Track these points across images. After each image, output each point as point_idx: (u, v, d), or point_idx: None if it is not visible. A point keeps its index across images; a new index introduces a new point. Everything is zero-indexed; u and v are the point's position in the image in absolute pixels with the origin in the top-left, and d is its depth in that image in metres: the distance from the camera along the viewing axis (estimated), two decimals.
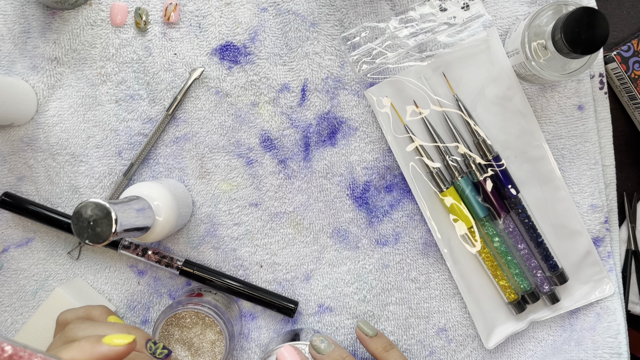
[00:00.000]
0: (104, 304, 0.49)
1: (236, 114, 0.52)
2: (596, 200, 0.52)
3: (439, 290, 0.53)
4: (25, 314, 0.53)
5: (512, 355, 0.53)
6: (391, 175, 0.53)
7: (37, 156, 0.52)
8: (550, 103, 0.52)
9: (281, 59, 0.52)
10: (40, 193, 0.52)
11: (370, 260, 0.53)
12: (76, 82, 0.52)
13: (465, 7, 0.51)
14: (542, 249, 0.51)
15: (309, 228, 0.53)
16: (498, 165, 0.50)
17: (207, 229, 0.52)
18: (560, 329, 0.53)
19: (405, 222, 0.53)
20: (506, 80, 0.50)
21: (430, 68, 0.51)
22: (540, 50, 0.46)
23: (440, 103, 0.51)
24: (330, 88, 0.52)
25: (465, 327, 0.53)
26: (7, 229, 0.53)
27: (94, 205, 0.37)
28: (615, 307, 0.52)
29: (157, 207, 0.44)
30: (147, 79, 0.52)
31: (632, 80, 0.51)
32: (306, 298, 0.53)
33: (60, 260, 0.53)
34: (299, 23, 0.52)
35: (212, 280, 0.51)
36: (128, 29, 0.51)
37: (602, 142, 0.53)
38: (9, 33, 0.51)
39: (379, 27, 0.51)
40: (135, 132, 0.52)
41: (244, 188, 0.52)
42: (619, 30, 0.54)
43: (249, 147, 0.52)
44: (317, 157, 0.52)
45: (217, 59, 0.52)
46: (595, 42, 0.42)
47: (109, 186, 0.52)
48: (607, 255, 0.52)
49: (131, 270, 0.53)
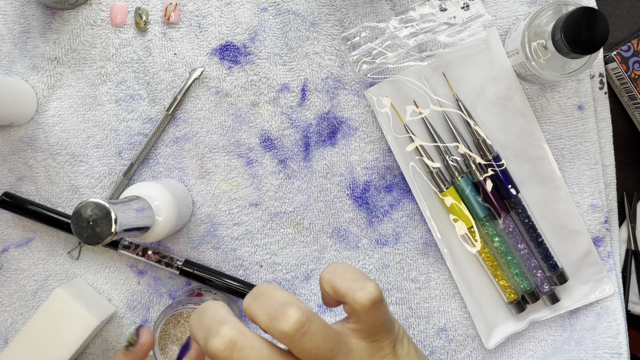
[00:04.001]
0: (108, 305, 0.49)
1: (236, 114, 0.52)
2: (596, 200, 0.52)
3: (439, 290, 0.53)
4: (25, 314, 0.53)
5: (512, 355, 0.53)
6: (391, 175, 0.53)
7: (37, 156, 0.52)
8: (550, 103, 0.52)
9: (281, 59, 0.52)
10: (40, 193, 0.52)
11: (370, 260, 0.53)
12: (76, 82, 0.52)
13: (465, 7, 0.51)
14: (542, 249, 0.51)
15: (309, 228, 0.53)
16: (498, 165, 0.50)
17: (207, 229, 0.53)
18: (560, 329, 0.53)
19: (405, 222, 0.53)
20: (506, 80, 0.50)
21: (430, 68, 0.51)
22: (540, 50, 0.46)
23: (440, 103, 0.51)
24: (330, 88, 0.52)
25: (465, 327, 0.53)
26: (7, 229, 0.53)
27: (94, 205, 0.37)
28: (615, 307, 0.52)
29: (157, 207, 0.44)
30: (147, 79, 0.52)
31: (632, 80, 0.51)
32: (306, 298, 0.53)
33: (60, 260, 0.53)
34: (299, 23, 0.52)
35: (212, 280, 0.51)
36: (128, 29, 0.51)
37: (602, 142, 0.53)
38: (9, 33, 0.51)
39: (379, 27, 0.51)
40: (135, 132, 0.52)
41: (244, 188, 0.52)
42: (619, 30, 0.54)
43: (249, 147, 0.52)
44: (317, 157, 0.52)
45: (217, 59, 0.52)
46: (595, 42, 0.42)
47: (109, 186, 0.52)
48: (607, 255, 0.52)
49: (131, 270, 0.53)
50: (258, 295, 0.30)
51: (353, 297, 0.30)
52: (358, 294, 0.30)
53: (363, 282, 0.31)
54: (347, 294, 0.31)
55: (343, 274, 0.32)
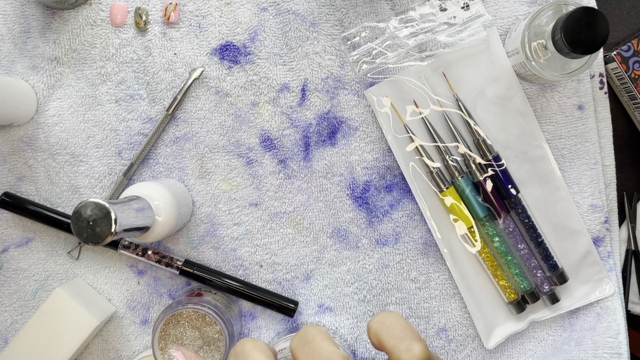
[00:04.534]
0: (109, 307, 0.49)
1: (236, 113, 0.52)
2: (596, 200, 0.52)
3: (439, 290, 0.53)
4: (25, 314, 0.53)
5: (512, 355, 0.53)
6: (391, 175, 0.53)
7: (37, 156, 0.52)
8: (550, 103, 0.52)
9: (281, 59, 0.52)
10: (40, 193, 0.52)
11: (370, 260, 0.53)
12: (76, 82, 0.52)
13: (465, 7, 0.51)
14: (542, 249, 0.51)
15: (309, 228, 0.53)
16: (498, 165, 0.50)
17: (207, 229, 0.52)
18: (560, 329, 0.53)
19: (405, 222, 0.53)
20: (506, 80, 0.50)
21: (430, 68, 0.51)
22: (540, 50, 0.46)
23: (440, 103, 0.51)
24: (330, 88, 0.52)
25: (465, 327, 0.53)
26: (7, 229, 0.53)
27: (94, 205, 0.37)
28: (615, 307, 0.52)
29: (157, 207, 0.44)
30: (147, 78, 0.52)
31: (632, 80, 0.51)
32: (306, 298, 0.53)
33: (60, 260, 0.53)
34: (299, 23, 0.52)
35: (212, 280, 0.51)
36: (128, 28, 0.51)
37: (602, 142, 0.53)
38: (9, 33, 0.51)
39: (379, 27, 0.51)
40: (135, 132, 0.52)
41: (244, 188, 0.52)
42: (619, 30, 0.54)
43: (249, 147, 0.52)
44: (317, 157, 0.52)
45: (217, 59, 0.52)
46: (595, 42, 0.42)
47: (109, 186, 0.52)
48: (607, 255, 0.52)
49: (131, 270, 0.53)
50: (305, 342, 0.30)
51: (398, 357, 0.30)
52: (403, 355, 0.30)
53: (410, 343, 0.31)
54: (392, 352, 0.31)
55: (391, 329, 0.31)
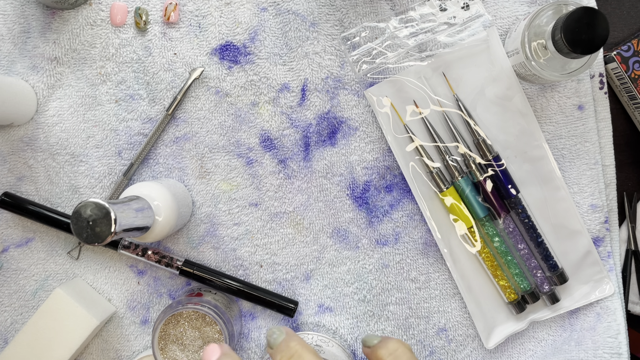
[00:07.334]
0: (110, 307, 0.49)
1: (236, 113, 0.52)
2: (596, 200, 0.52)
3: (439, 290, 0.53)
4: (25, 314, 0.53)
5: (512, 355, 0.53)
6: (391, 175, 0.53)
7: (37, 156, 0.52)
8: (550, 103, 0.52)
9: (281, 59, 0.52)
10: (40, 193, 0.52)
11: (370, 260, 0.53)
12: (76, 82, 0.52)
13: (465, 7, 0.51)
14: (542, 249, 0.51)
15: (309, 228, 0.53)
16: (498, 165, 0.50)
17: (207, 229, 0.52)
18: (560, 329, 0.53)
19: (405, 222, 0.53)
20: (506, 80, 0.50)
21: (430, 68, 0.51)
22: (540, 50, 0.46)
23: (440, 103, 0.51)
24: (330, 88, 0.52)
25: (465, 327, 0.53)
26: (7, 229, 0.53)
27: (93, 205, 0.37)
28: (615, 307, 0.52)
29: (157, 207, 0.44)
30: (147, 78, 0.52)
31: (632, 80, 0.51)
32: (306, 298, 0.53)
33: (60, 260, 0.53)
34: (299, 23, 0.52)
35: (212, 280, 0.51)
36: (128, 28, 0.51)
37: (602, 142, 0.53)
38: (9, 33, 0.51)
39: (379, 27, 0.51)
40: (135, 132, 0.52)
41: (244, 188, 0.52)
42: (619, 30, 0.54)
43: (249, 147, 0.52)
44: (317, 157, 0.52)
45: (217, 59, 0.52)
46: (595, 42, 0.42)
47: (109, 186, 0.52)
48: (607, 255, 0.52)
49: (131, 270, 0.53)
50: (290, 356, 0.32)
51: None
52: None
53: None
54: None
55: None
